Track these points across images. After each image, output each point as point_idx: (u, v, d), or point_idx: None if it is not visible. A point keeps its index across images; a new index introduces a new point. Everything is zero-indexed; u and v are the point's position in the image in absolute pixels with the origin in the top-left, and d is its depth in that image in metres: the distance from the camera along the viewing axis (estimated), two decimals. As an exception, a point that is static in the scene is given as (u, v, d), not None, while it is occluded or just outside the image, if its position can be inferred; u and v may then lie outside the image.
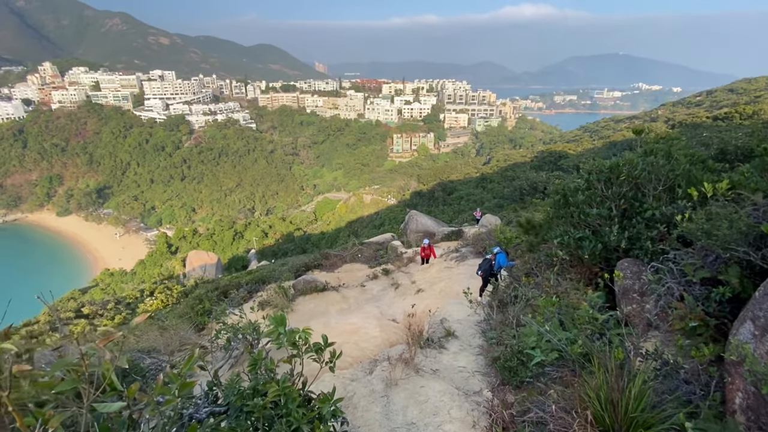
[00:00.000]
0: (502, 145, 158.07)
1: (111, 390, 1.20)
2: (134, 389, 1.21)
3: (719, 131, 39.01)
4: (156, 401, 1.30)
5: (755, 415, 2.93)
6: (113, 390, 1.22)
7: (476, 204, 50.25)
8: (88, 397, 1.07)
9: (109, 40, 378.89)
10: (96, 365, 1.13)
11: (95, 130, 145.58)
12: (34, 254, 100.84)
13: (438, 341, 5.73)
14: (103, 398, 1.24)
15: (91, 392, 1.07)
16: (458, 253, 14.35)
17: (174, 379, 1.44)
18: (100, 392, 1.14)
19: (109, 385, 1.20)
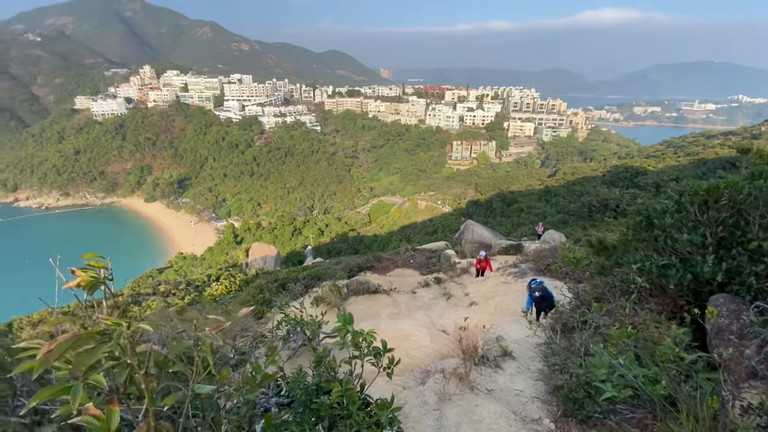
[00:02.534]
0: (571, 157, 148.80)
1: (207, 375, 1.29)
2: (225, 375, 1.31)
3: (844, 153, 33.14)
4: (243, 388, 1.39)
5: None
6: (208, 374, 1.31)
7: (537, 218, 47.76)
8: (194, 380, 1.17)
9: (198, 46, 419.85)
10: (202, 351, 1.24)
11: (181, 127, 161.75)
12: (124, 233, 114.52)
13: (494, 360, 5.49)
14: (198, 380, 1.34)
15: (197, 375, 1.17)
16: (517, 269, 13.70)
17: (258, 370, 1.53)
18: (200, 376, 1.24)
19: (205, 369, 1.30)
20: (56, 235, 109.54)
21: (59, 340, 1.00)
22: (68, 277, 1.89)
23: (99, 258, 1.51)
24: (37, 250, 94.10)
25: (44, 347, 0.99)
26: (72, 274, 1.56)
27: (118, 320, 1.06)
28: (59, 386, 0.99)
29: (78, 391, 0.99)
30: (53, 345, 0.98)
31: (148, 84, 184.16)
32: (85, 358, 1.01)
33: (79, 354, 1.01)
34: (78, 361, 1.01)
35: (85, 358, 1.01)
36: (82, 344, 1.01)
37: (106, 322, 1.04)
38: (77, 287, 1.45)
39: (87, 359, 1.01)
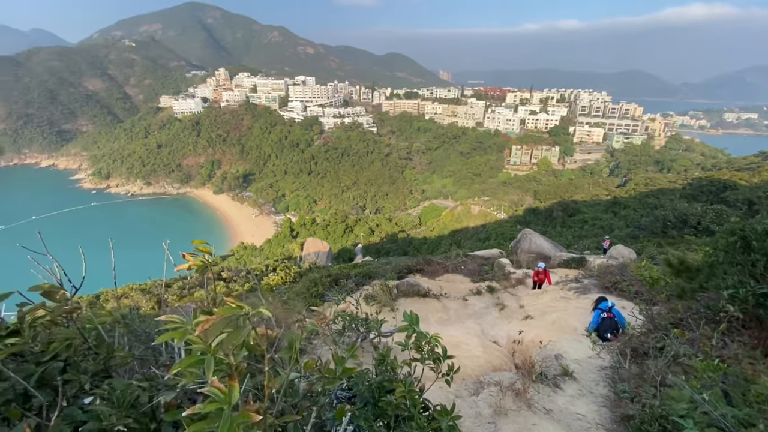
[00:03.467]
0: (644, 167, 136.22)
1: (295, 363, 1.39)
2: (311, 364, 1.39)
3: None
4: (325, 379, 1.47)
5: None
6: (296, 363, 1.40)
7: (603, 230, 44.41)
8: (291, 366, 1.27)
9: (268, 50, 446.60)
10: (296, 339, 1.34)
11: (248, 126, 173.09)
12: (194, 221, 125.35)
13: (553, 379, 5.21)
14: (284, 366, 1.44)
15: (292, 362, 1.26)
16: (579, 284, 12.85)
17: (339, 363, 1.61)
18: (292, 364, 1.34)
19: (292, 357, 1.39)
20: (139, 219, 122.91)
21: (213, 321, 1.12)
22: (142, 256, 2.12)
23: (206, 244, 1.67)
24: (123, 231, 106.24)
25: (201, 325, 1.13)
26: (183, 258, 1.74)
27: (240, 304, 1.18)
28: (194, 358, 1.12)
29: (211, 363, 1.10)
30: (208, 324, 1.11)
31: (222, 85, 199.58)
32: (233, 339, 1.13)
33: (229, 335, 1.13)
34: (227, 340, 1.13)
35: (233, 338, 1.13)
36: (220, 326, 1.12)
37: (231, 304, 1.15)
38: (188, 269, 1.62)
39: (234, 340, 1.13)
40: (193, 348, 1.15)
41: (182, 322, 1.24)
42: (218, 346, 1.10)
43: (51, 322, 1.67)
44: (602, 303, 7.89)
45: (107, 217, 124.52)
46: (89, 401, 1.40)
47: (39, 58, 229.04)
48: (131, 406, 1.41)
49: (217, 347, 1.09)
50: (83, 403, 1.40)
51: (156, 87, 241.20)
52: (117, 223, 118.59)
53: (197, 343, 1.12)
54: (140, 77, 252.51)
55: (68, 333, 1.56)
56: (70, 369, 1.60)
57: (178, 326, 1.22)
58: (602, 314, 7.53)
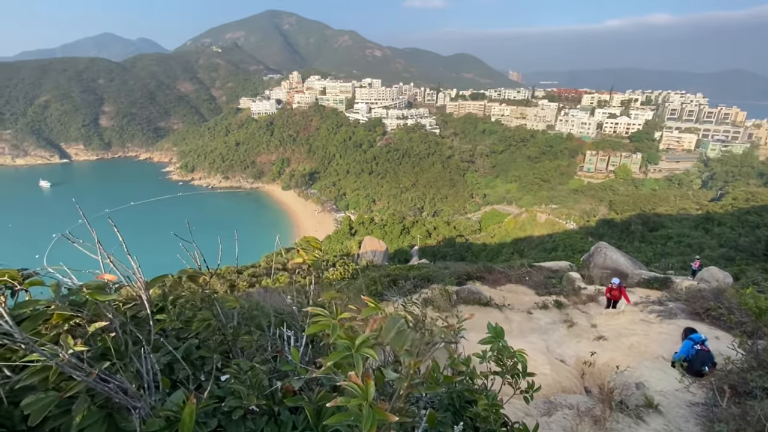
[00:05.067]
0: (746, 179, 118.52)
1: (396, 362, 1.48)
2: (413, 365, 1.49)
3: None
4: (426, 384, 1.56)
5: None
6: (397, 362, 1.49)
7: (691, 249, 39.67)
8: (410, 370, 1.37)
9: (338, 54, 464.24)
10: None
11: (316, 126, 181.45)
12: (264, 214, 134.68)
13: (635, 409, 4.81)
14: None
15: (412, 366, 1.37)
16: (663, 307, 11.62)
17: (437, 370, 1.68)
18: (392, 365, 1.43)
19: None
20: (216, 209, 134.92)
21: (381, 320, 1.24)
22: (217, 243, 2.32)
23: (316, 239, 1.82)
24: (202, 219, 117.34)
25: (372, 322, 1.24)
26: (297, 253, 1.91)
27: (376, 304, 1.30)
28: (342, 353, 1.23)
29: (359, 360, 1.19)
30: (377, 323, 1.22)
31: (294, 88, 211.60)
32: (399, 340, 1.23)
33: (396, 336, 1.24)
34: (394, 341, 1.23)
35: (399, 339, 1.23)
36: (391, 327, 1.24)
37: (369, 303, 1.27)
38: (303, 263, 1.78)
39: (401, 341, 1.23)
40: (339, 343, 1.27)
41: (329, 316, 1.38)
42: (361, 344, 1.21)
43: (189, 303, 1.95)
44: (694, 334, 7.06)
45: (190, 206, 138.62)
46: (225, 379, 1.61)
47: (142, 64, 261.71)
48: (257, 387, 1.59)
49: (360, 345, 1.21)
50: (220, 380, 1.61)
51: (237, 89, 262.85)
52: (198, 211, 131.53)
53: (343, 339, 1.24)
54: (224, 80, 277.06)
55: (206, 315, 1.81)
56: (204, 347, 1.85)
57: (325, 320, 1.36)
58: (695, 345, 6.73)
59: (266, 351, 1.92)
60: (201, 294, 1.85)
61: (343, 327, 1.36)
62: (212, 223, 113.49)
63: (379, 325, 1.17)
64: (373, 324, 1.18)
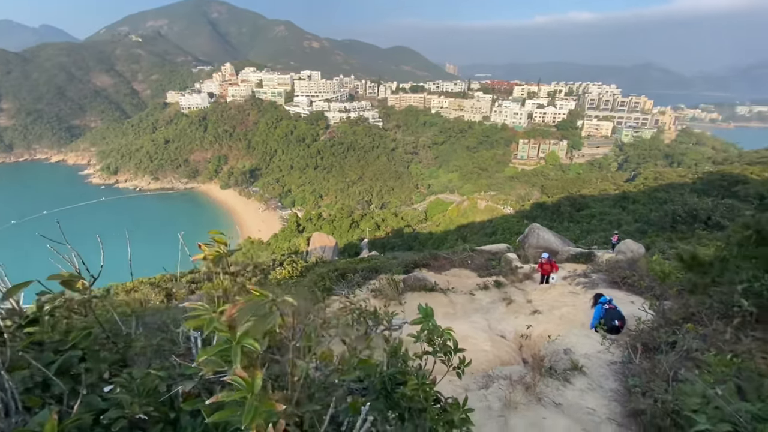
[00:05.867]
0: (654, 161, 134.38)
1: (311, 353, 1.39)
2: (327, 355, 1.40)
3: None
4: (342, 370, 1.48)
5: None
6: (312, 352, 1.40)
7: (612, 226, 44.00)
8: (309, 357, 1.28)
9: (273, 45, 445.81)
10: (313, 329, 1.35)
11: (254, 121, 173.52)
12: (202, 216, 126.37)
13: (562, 373, 5.19)
14: (300, 356, 1.45)
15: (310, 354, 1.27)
16: (587, 279, 12.76)
17: (353, 354, 1.61)
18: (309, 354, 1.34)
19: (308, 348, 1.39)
20: (147, 214, 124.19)
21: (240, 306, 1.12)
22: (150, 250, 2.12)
23: (221, 234, 1.67)
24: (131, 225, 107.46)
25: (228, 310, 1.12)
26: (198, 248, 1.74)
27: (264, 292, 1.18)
28: (220, 346, 1.12)
29: (237, 352, 1.09)
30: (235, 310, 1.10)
31: (228, 80, 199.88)
32: (260, 326, 1.12)
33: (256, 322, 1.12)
34: (254, 328, 1.12)
35: (259, 325, 1.12)
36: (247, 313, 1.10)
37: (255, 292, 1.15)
38: (204, 260, 1.62)
39: (261, 327, 1.12)
40: (218, 336, 1.15)
41: (207, 310, 1.24)
42: (243, 335, 1.10)
43: (69, 311, 1.69)
44: (602, 298, 7.89)
45: (116, 211, 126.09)
46: (109, 389, 1.41)
47: (47, 54, 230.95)
48: (150, 394, 1.42)
49: (242, 336, 1.10)
50: (103, 391, 1.42)
51: (163, 82, 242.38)
52: (126, 217, 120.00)
53: (223, 331, 1.12)
54: (147, 73, 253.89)
55: (87, 322, 1.58)
56: (89, 358, 1.62)
57: (203, 314, 1.22)
58: (605, 306, 7.55)
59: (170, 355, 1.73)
60: (78, 300, 1.61)
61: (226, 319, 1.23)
62: (143, 228, 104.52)
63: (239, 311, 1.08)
64: (231, 312, 1.09)
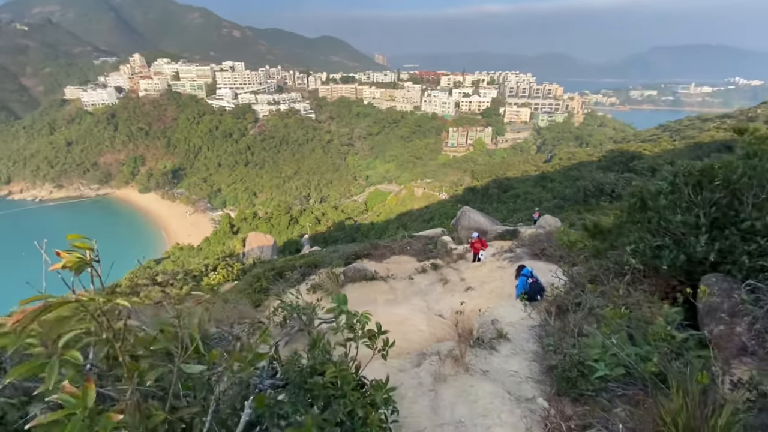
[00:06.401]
0: (567, 143, 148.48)
1: (195, 353, 1.29)
2: (216, 355, 1.31)
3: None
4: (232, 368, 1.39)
5: None
6: (197, 353, 1.30)
7: (534, 203, 47.86)
8: (179, 357, 1.17)
9: (188, 33, 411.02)
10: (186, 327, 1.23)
11: (174, 117, 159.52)
12: (119, 224, 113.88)
13: (489, 342, 5.55)
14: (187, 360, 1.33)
15: (181, 352, 1.16)
16: (512, 254, 13.78)
17: (249, 350, 1.53)
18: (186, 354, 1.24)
19: (195, 350, 1.29)
20: (52, 227, 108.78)
21: (29, 310, 0.95)
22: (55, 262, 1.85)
23: (84, 239, 1.48)
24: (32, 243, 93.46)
25: (13, 317, 0.94)
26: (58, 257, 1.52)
27: (93, 295, 1.06)
28: (35, 362, 0.94)
29: (54, 367, 0.92)
30: (22, 315, 0.93)
31: (138, 73, 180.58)
32: (57, 328, 0.95)
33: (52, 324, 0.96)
34: (50, 331, 0.95)
35: (57, 327, 0.95)
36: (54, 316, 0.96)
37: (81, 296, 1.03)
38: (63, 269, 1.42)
39: (58, 329, 0.96)
40: (35, 352, 0.99)
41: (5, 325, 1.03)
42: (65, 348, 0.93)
43: None
44: (524, 270, 8.49)
45: (10, 228, 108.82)
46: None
47: None
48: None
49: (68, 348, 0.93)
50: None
51: (59, 77, 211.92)
52: (22, 233, 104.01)
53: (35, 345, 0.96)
54: (38, 66, 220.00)
55: None
56: None
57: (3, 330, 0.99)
58: (528, 280, 8.13)
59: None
60: None
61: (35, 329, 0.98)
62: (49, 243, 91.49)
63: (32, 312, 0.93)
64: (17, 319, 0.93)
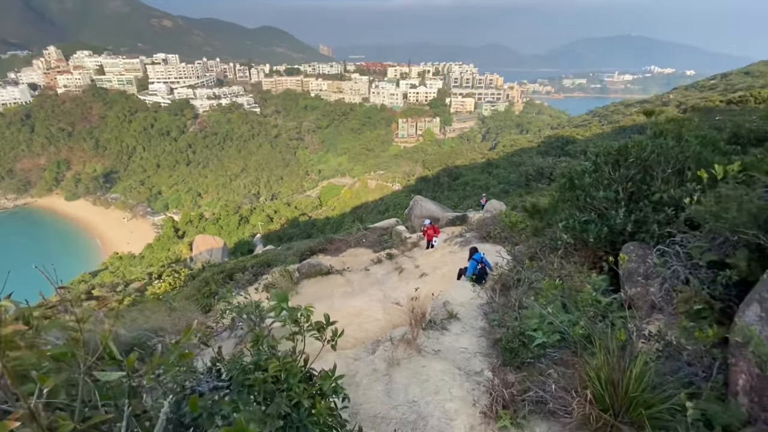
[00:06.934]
0: (509, 130, 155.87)
1: (111, 359, 1.21)
2: (133, 359, 1.22)
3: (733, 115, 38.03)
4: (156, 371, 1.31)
5: (758, 396, 2.92)
6: (113, 360, 1.22)
7: (482, 190, 49.92)
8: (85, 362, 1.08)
9: (111, 23, 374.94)
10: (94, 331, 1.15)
11: (101, 115, 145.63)
12: (44, 237, 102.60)
13: (440, 323, 5.76)
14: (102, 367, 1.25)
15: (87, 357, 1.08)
16: (462, 238, 14.34)
17: (173, 349, 1.46)
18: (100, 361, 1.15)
19: (108, 355, 1.21)
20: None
21: None
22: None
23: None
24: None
25: None
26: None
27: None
28: None
29: None
30: None
31: (55, 67, 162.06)
32: None
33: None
34: None
35: None
36: None
37: None
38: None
39: None
40: None
41: None
42: None
43: None
44: (476, 254, 8.87)
45: None
46: None
47: None
48: None
49: None
50: None
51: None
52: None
53: None
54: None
55: None
56: None
57: None
58: (478, 265, 8.51)
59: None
60: None
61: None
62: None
63: None
64: None
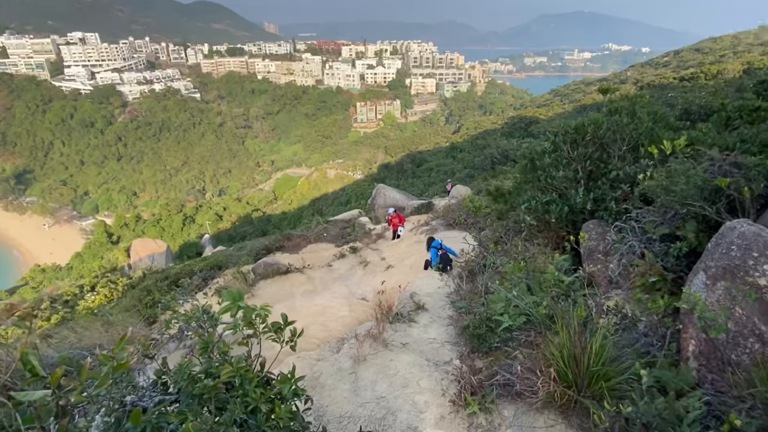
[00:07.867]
0: (472, 112, 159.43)
1: (33, 377, 1.15)
2: (58, 375, 1.17)
3: (684, 91, 41.27)
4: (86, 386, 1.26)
5: (706, 359, 3.28)
6: (35, 377, 1.17)
7: (447, 175, 50.95)
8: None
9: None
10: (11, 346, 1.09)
11: (5, 105, 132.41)
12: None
13: (408, 315, 5.90)
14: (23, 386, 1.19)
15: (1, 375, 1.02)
16: (428, 227, 14.62)
17: (105, 361, 1.40)
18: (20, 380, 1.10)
19: (30, 372, 1.15)
20: None
21: None
22: None
23: None
24: None
25: None
26: None
27: None
28: None
29: None
30: None
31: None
32: None
33: None
34: None
35: None
36: None
37: None
38: None
39: None
40: None
41: None
42: None
43: None
44: (434, 242, 9.10)
45: None
46: None
47: None
48: None
49: None
50: None
51: None
52: None
53: None
54: None
55: None
56: None
57: None
58: (439, 252, 8.75)
59: None
60: None
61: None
62: None
63: None
64: None
